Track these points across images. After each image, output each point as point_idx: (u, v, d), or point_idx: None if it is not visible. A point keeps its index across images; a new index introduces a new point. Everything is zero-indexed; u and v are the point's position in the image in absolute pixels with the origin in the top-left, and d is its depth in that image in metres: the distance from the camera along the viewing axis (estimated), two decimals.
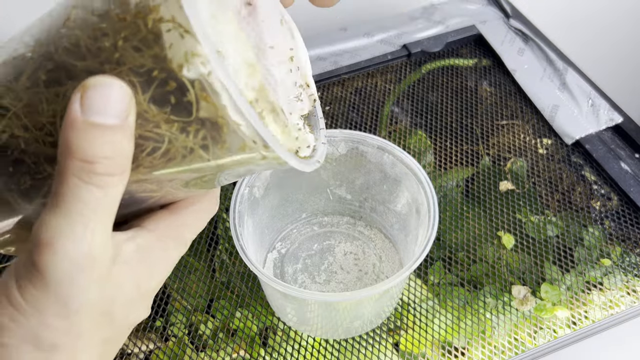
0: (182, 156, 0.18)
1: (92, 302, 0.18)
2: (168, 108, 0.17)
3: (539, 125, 0.52)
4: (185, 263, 0.43)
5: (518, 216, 0.45)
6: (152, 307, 0.41)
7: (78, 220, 0.17)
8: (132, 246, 0.20)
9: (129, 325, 0.21)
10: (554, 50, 0.57)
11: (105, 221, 0.18)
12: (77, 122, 0.16)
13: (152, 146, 0.18)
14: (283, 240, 0.44)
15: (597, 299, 0.40)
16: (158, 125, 0.17)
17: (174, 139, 0.17)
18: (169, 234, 0.21)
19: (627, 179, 0.47)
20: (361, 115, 0.53)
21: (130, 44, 0.16)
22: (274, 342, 0.39)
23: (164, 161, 0.18)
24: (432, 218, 0.34)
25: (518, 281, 0.41)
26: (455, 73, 0.57)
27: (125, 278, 0.20)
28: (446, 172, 0.48)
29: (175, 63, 0.16)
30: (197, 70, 0.16)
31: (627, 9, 0.81)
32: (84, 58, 0.17)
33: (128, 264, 0.20)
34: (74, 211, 0.17)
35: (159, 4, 0.16)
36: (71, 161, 0.17)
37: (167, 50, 0.16)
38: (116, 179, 0.17)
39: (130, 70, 0.16)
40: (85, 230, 0.17)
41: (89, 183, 0.17)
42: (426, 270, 0.42)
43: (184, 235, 0.22)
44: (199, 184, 0.20)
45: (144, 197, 0.20)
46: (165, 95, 0.17)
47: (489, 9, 0.62)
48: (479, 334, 0.39)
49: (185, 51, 0.16)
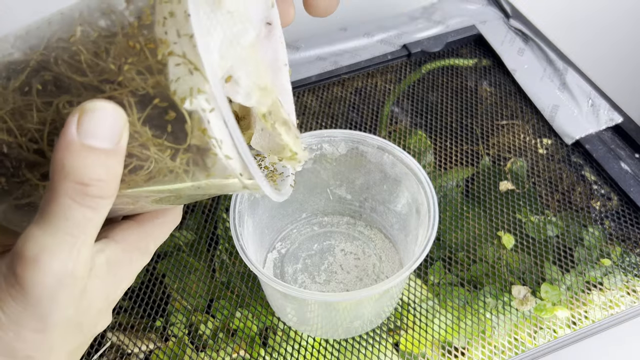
0: (163, 176, 0.18)
1: (68, 318, 0.19)
2: (164, 135, 0.17)
3: (539, 125, 0.52)
4: (185, 263, 0.43)
5: (518, 216, 0.45)
6: (152, 307, 0.41)
7: (66, 239, 0.18)
8: (102, 259, 0.20)
9: (94, 334, 0.22)
10: (554, 50, 0.57)
11: (90, 240, 0.18)
12: (74, 145, 0.17)
13: (136, 164, 0.18)
14: (283, 240, 0.44)
15: (597, 299, 0.40)
16: (147, 146, 0.18)
17: (160, 160, 0.18)
18: (135, 245, 0.22)
19: (627, 179, 0.47)
20: (361, 115, 0.53)
21: (134, 68, 0.17)
22: (274, 342, 0.39)
23: (146, 179, 0.19)
24: (432, 218, 0.34)
25: (518, 281, 0.41)
26: (455, 73, 0.57)
27: (97, 291, 0.20)
28: (446, 172, 0.48)
29: (178, 95, 0.16)
30: (199, 106, 0.16)
31: (627, 9, 0.81)
32: (85, 74, 0.17)
33: (99, 277, 0.20)
34: (63, 230, 0.17)
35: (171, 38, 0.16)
36: (65, 182, 0.17)
37: (172, 83, 0.16)
38: (108, 201, 0.18)
39: (131, 93, 0.17)
40: (72, 250, 0.18)
41: (82, 205, 0.17)
42: (426, 270, 0.42)
43: (149, 247, 0.23)
44: (171, 201, 0.21)
45: (117, 209, 0.21)
46: (163, 123, 0.17)
47: (489, 9, 0.62)
48: (479, 334, 0.39)
49: (191, 87, 0.16)
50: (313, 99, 0.55)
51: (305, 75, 0.55)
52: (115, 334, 0.40)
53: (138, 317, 0.40)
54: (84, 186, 0.17)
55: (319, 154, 0.39)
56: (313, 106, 0.54)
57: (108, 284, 0.21)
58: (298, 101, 0.54)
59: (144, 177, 0.19)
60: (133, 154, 0.18)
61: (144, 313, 0.41)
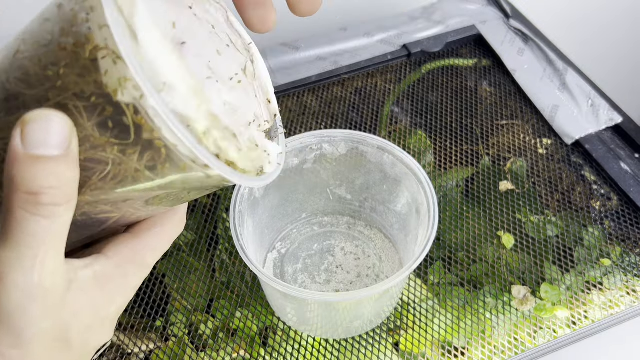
0: (131, 177, 0.18)
1: (45, 330, 0.19)
2: (108, 132, 0.17)
3: (539, 125, 0.52)
4: (185, 263, 0.43)
5: (518, 216, 0.45)
6: (152, 307, 0.41)
7: (26, 252, 0.18)
8: (89, 273, 0.20)
9: (89, 351, 0.21)
10: (554, 51, 0.57)
11: (55, 249, 0.18)
12: (19, 156, 0.17)
13: (101, 169, 0.18)
14: (283, 240, 0.44)
15: (597, 299, 0.40)
16: (104, 149, 0.18)
17: (119, 161, 0.18)
18: (130, 259, 0.22)
19: (627, 179, 0.47)
20: (361, 115, 0.53)
21: (71, 71, 0.17)
22: (274, 342, 0.39)
23: (114, 183, 0.19)
24: (432, 218, 0.34)
25: (518, 281, 0.41)
26: (455, 73, 0.57)
27: (81, 305, 0.20)
28: (446, 172, 0.48)
29: (110, 88, 0.16)
30: (131, 95, 0.16)
31: (625, 7, 0.81)
32: (33, 86, 0.18)
33: (84, 291, 0.20)
34: (22, 244, 0.17)
35: (94, 32, 0.16)
36: (16, 194, 0.17)
37: (103, 77, 0.16)
38: (62, 208, 0.18)
39: (75, 95, 0.17)
40: (35, 261, 0.18)
41: (35, 214, 0.17)
42: (426, 270, 0.42)
43: (145, 260, 0.22)
44: (156, 203, 0.21)
45: (103, 217, 0.21)
46: (105, 120, 0.17)
47: (489, 9, 0.62)
48: (479, 333, 0.39)
49: (119, 77, 0.16)
50: (313, 99, 0.55)
51: (305, 75, 0.55)
52: (115, 334, 0.40)
53: (138, 317, 0.40)
54: (34, 195, 0.17)
55: (319, 154, 0.39)
56: (313, 106, 0.54)
57: (96, 298, 0.20)
58: (298, 101, 0.55)
59: (112, 181, 0.19)
60: (92, 158, 0.18)
61: (144, 313, 0.41)
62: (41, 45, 0.18)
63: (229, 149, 0.20)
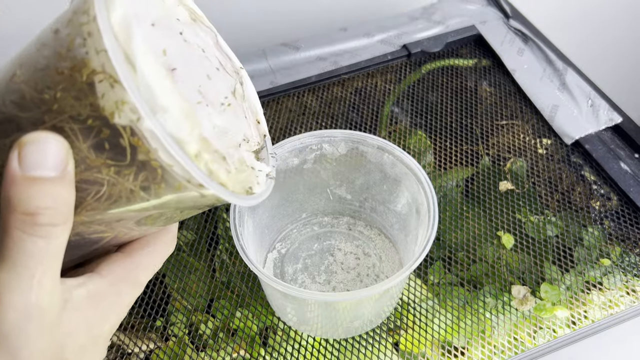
0: (125, 198, 0.19)
1: (41, 350, 0.19)
2: (104, 154, 0.18)
3: (539, 125, 0.52)
4: (185, 263, 0.43)
5: (518, 216, 0.45)
6: (153, 307, 0.41)
7: (24, 273, 0.18)
8: (83, 292, 0.20)
9: None
10: (554, 51, 0.57)
11: (51, 269, 0.18)
12: (17, 178, 0.17)
13: (96, 190, 0.19)
14: (283, 240, 0.44)
15: (596, 299, 0.40)
16: (99, 170, 0.18)
17: (115, 182, 0.18)
18: (123, 278, 0.22)
19: (627, 179, 0.47)
20: (361, 115, 0.53)
21: (68, 94, 0.17)
22: (274, 342, 0.39)
23: (108, 203, 0.19)
24: (432, 218, 0.34)
25: (518, 281, 0.41)
26: (455, 73, 0.57)
27: (76, 324, 0.20)
28: (446, 172, 0.48)
29: (107, 111, 0.17)
30: (127, 117, 0.17)
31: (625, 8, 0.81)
32: (29, 109, 0.18)
33: (78, 310, 0.20)
34: (19, 264, 0.18)
35: (91, 57, 0.17)
36: (13, 215, 0.17)
37: (100, 100, 0.17)
38: (59, 228, 0.18)
39: (71, 118, 0.17)
40: (32, 282, 0.18)
41: (32, 235, 0.17)
42: (426, 270, 0.42)
43: (139, 278, 0.23)
44: (149, 222, 0.21)
45: (96, 237, 0.21)
46: (102, 142, 0.18)
47: (489, 9, 0.62)
48: (479, 333, 0.39)
49: (116, 100, 0.17)
50: (313, 99, 0.55)
51: (305, 75, 0.55)
52: (115, 334, 0.40)
53: (138, 317, 0.41)
54: (31, 216, 0.17)
55: (319, 154, 0.39)
56: (313, 106, 0.54)
57: (90, 317, 0.20)
58: (298, 101, 0.55)
59: (107, 201, 0.19)
60: (88, 179, 0.18)
61: (144, 313, 0.41)
62: (37, 69, 0.18)
63: (219, 172, 0.20)
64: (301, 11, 0.65)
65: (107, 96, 0.17)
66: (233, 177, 0.21)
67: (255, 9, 0.62)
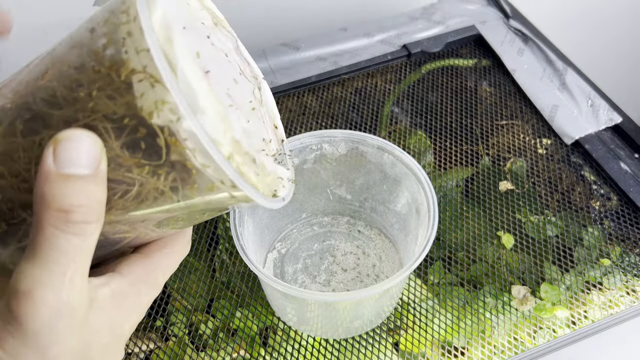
0: (153, 198, 0.19)
1: (70, 348, 0.19)
2: (139, 153, 0.18)
3: (539, 125, 0.52)
4: (185, 263, 0.43)
5: (518, 216, 0.45)
6: (153, 307, 0.41)
7: (56, 269, 0.18)
8: (107, 291, 0.20)
9: None
10: (554, 51, 0.57)
11: (83, 268, 0.18)
12: (51, 175, 0.17)
13: (125, 189, 0.19)
14: (283, 240, 0.44)
15: (596, 299, 0.40)
16: (130, 169, 0.18)
17: (145, 181, 0.18)
18: (142, 279, 0.22)
19: (627, 179, 0.47)
20: (361, 115, 0.53)
21: (104, 93, 0.17)
22: (274, 342, 0.39)
23: (136, 203, 0.19)
24: (432, 218, 0.34)
25: (518, 281, 0.41)
26: (455, 73, 0.57)
27: (101, 323, 0.20)
28: (446, 172, 0.48)
29: (145, 111, 0.17)
30: (166, 117, 0.17)
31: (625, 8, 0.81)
32: (61, 107, 0.18)
33: (103, 309, 0.20)
34: (52, 260, 0.18)
35: (131, 56, 0.17)
36: (47, 212, 0.17)
37: (138, 99, 0.17)
38: (92, 226, 0.18)
39: (104, 117, 0.17)
40: (64, 279, 0.18)
41: (66, 232, 0.17)
42: (426, 270, 0.42)
43: (157, 279, 0.23)
44: (171, 224, 0.21)
45: (118, 238, 0.21)
46: (137, 141, 0.18)
47: (489, 9, 0.62)
48: (479, 333, 0.39)
49: (155, 100, 0.17)
50: (313, 99, 0.55)
51: (305, 75, 0.55)
52: None
53: None
54: (65, 213, 0.17)
55: (319, 154, 0.39)
56: (313, 106, 0.54)
57: (113, 317, 0.21)
58: (298, 101, 0.55)
59: (134, 201, 0.19)
60: (118, 179, 0.18)
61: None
62: (71, 67, 0.18)
63: (249, 174, 0.20)
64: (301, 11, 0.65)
65: (146, 96, 0.17)
66: (261, 179, 0.21)
67: (255, 8, 0.62)
